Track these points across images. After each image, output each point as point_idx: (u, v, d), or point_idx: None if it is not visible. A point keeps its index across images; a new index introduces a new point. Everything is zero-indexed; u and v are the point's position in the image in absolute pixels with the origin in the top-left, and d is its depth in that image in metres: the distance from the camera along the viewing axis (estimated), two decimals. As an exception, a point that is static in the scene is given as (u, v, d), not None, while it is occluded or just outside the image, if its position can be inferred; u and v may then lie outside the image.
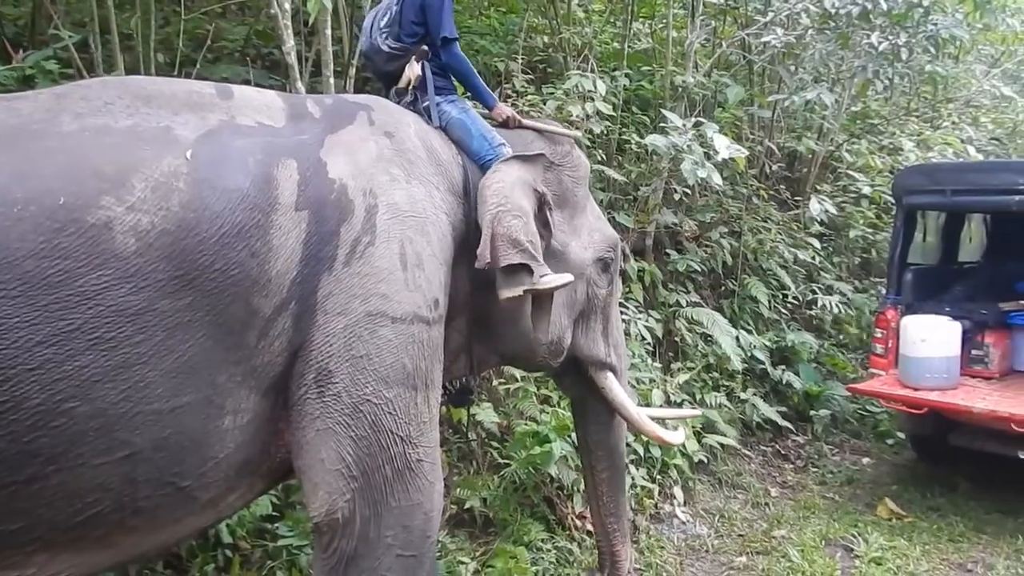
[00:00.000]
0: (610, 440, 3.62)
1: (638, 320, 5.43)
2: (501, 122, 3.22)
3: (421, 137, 2.88)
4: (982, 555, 4.63)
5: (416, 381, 2.55)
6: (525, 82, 5.76)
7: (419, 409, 2.57)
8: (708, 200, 6.60)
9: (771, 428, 6.18)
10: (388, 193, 2.59)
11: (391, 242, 2.53)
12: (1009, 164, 6.41)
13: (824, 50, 6.44)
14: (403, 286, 2.52)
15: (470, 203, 2.92)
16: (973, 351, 5.61)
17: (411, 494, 2.56)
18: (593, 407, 3.57)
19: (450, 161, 2.95)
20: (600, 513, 3.65)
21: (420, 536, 2.61)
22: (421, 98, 3.13)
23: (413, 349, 2.53)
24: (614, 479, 3.63)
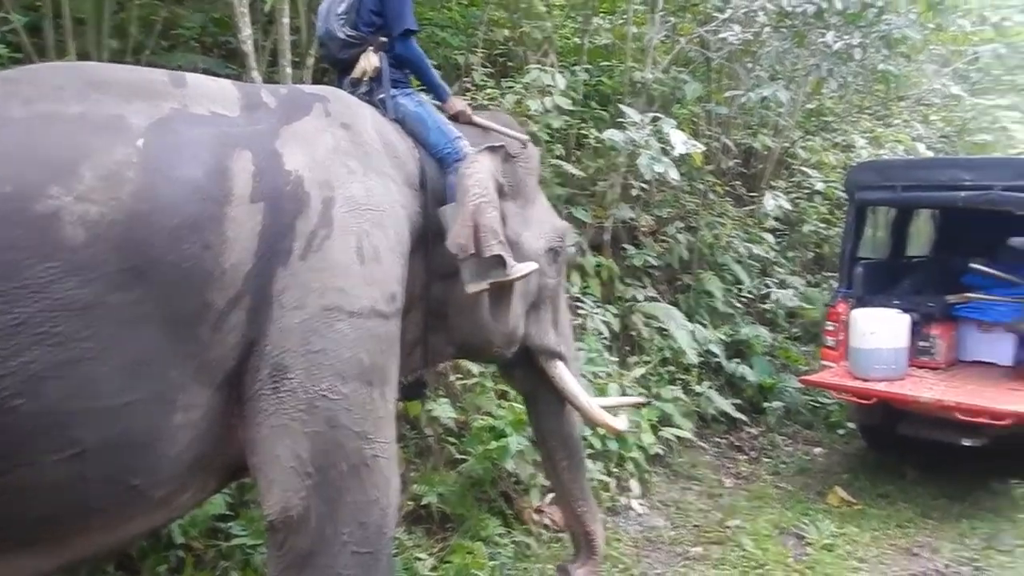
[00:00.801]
0: (563, 429, 3.64)
1: (595, 314, 5.48)
2: (452, 116, 3.22)
3: (378, 129, 2.86)
4: (928, 539, 4.76)
5: (373, 376, 2.53)
6: (485, 75, 5.76)
7: (376, 405, 2.55)
8: (665, 195, 6.68)
9: (726, 420, 6.28)
10: (345, 186, 2.56)
11: (348, 235, 2.50)
12: (956, 161, 6.55)
13: (780, 48, 6.55)
14: (360, 280, 2.49)
15: (427, 196, 2.92)
16: (920, 343, 5.74)
17: (367, 490, 2.53)
18: (544, 398, 3.58)
19: (406, 154, 2.94)
20: (567, 499, 3.67)
21: (376, 533, 2.58)
22: (377, 90, 3.12)
23: (370, 344, 2.51)
24: (574, 465, 3.66)
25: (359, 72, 3.13)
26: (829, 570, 4.34)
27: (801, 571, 4.34)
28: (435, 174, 2.99)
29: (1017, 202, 5.12)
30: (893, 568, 4.40)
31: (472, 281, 2.86)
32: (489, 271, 2.87)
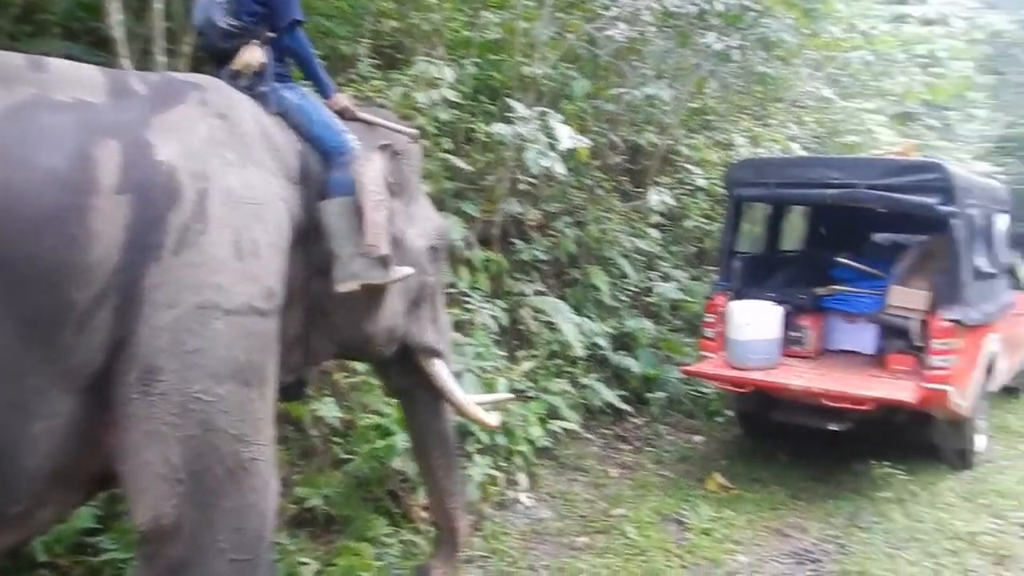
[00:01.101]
0: (440, 426, 3.66)
1: (484, 309, 5.49)
2: (336, 112, 3.16)
3: (257, 120, 2.77)
4: (798, 520, 5.01)
5: (250, 376, 2.46)
6: (371, 67, 5.68)
7: (254, 406, 2.48)
8: (553, 190, 6.75)
9: (611, 411, 6.41)
10: (222, 177, 2.47)
11: (224, 229, 2.41)
12: (826, 160, 6.89)
13: (664, 47, 6.73)
14: (237, 276, 2.41)
15: (309, 190, 2.86)
16: (792, 333, 6.02)
17: (245, 495, 2.46)
18: (422, 396, 3.59)
19: (287, 147, 2.86)
20: (440, 496, 3.69)
21: (255, 538, 2.52)
22: (258, 83, 3.01)
23: (247, 342, 2.44)
24: (448, 463, 3.69)
25: (240, 64, 3.01)
26: (707, 553, 4.51)
27: (681, 556, 4.48)
28: (318, 168, 2.92)
29: (879, 200, 5.43)
30: (766, 549, 4.61)
31: (343, 280, 2.83)
32: (365, 271, 2.84)
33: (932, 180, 5.34)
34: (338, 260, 2.85)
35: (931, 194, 5.30)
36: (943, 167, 5.51)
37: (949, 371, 5.23)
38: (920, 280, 5.78)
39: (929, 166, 5.62)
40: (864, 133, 10.32)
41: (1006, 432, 6.72)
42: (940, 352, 5.24)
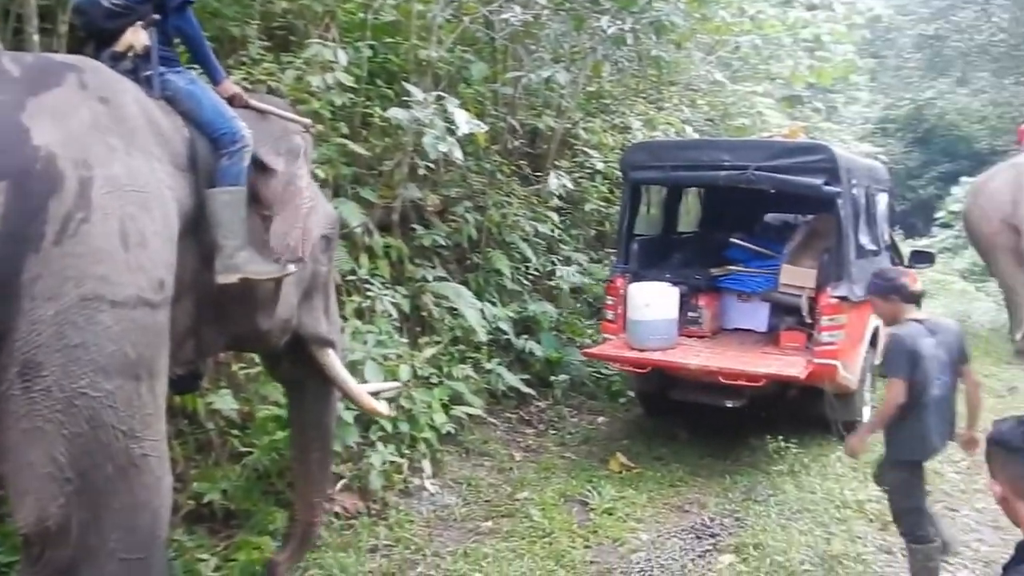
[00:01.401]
0: (325, 419, 3.64)
1: (384, 296, 5.42)
2: (226, 99, 3.05)
3: (141, 105, 2.66)
4: (697, 496, 5.15)
5: (140, 370, 2.39)
6: (262, 49, 5.48)
7: (143, 400, 2.41)
8: (453, 175, 6.70)
9: (515, 395, 6.44)
10: (105, 165, 2.37)
11: (110, 219, 2.32)
12: (718, 143, 7.07)
13: (559, 31, 6.73)
14: (124, 267, 2.33)
15: (198, 177, 2.77)
16: (689, 313, 6.18)
17: (136, 492, 2.40)
18: (313, 387, 3.54)
19: (174, 133, 2.76)
20: (308, 489, 3.63)
21: (148, 536, 2.46)
22: (143, 67, 2.87)
23: (136, 335, 2.36)
24: (324, 457, 3.67)
25: (123, 46, 2.86)
26: (610, 532, 4.59)
27: (585, 536, 4.55)
28: (207, 155, 2.83)
29: (769, 181, 5.59)
30: (666, 525, 4.73)
31: (224, 272, 2.77)
32: (247, 265, 2.79)
33: (818, 161, 5.53)
34: (221, 251, 2.78)
35: (817, 175, 5.49)
36: (828, 148, 5.73)
37: (837, 346, 5.45)
38: (808, 259, 6.00)
39: (815, 148, 5.82)
40: (754, 116, 10.63)
41: (890, 402, 7.02)
42: (828, 328, 5.45)
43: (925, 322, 3.82)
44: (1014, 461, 1.81)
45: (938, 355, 3.72)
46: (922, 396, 3.65)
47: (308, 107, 5.10)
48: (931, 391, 3.69)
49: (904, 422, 3.66)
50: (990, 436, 1.89)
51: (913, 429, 3.69)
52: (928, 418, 3.70)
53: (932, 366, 3.68)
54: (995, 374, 8.26)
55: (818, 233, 6.21)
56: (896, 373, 3.65)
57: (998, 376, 8.19)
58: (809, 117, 14.43)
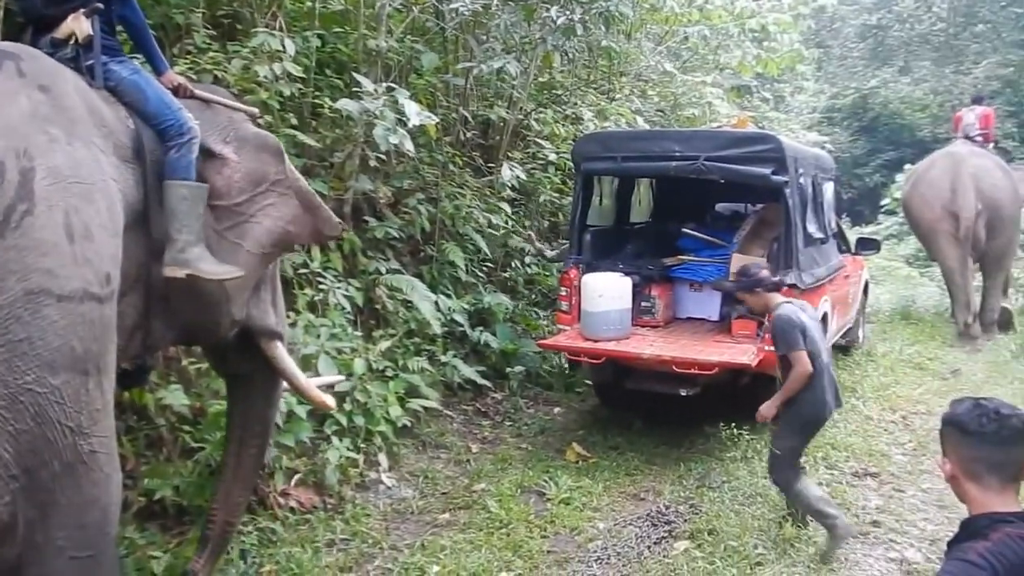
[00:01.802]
0: (269, 414, 3.61)
1: (337, 289, 5.37)
2: (171, 89, 2.99)
3: (82, 94, 2.60)
4: (652, 484, 5.20)
5: (87, 365, 2.35)
6: (208, 38, 5.38)
7: (91, 396, 2.38)
8: (405, 167, 6.65)
9: (471, 387, 6.43)
10: (47, 155, 2.31)
11: (54, 211, 2.27)
12: (668, 133, 7.12)
13: (509, 21, 6.71)
14: (70, 260, 2.29)
15: (144, 168, 2.72)
16: (642, 303, 6.23)
17: (85, 489, 2.38)
18: (260, 381, 3.50)
19: (117, 124, 2.71)
20: (237, 487, 3.57)
21: (97, 534, 2.44)
22: (84, 56, 2.80)
23: (83, 330, 2.32)
24: (260, 455, 3.64)
25: (64, 33, 2.78)
26: (567, 522, 4.62)
27: (542, 526, 4.57)
28: (154, 146, 2.78)
29: (719, 171, 5.65)
30: (622, 514, 4.76)
31: (172, 265, 2.74)
32: (197, 262, 2.76)
33: (766, 151, 5.60)
34: (172, 244, 2.75)
35: (765, 164, 5.57)
36: (776, 138, 5.80)
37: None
38: (758, 248, 6.08)
39: (763, 138, 5.90)
40: (704, 106, 10.73)
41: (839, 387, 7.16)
42: (778, 315, 5.52)
43: (793, 302, 4.37)
44: (968, 443, 1.85)
45: (818, 326, 4.32)
46: (815, 363, 4.12)
47: (256, 97, 5.03)
48: (822, 358, 4.21)
49: (804, 390, 4.12)
50: (946, 416, 1.92)
51: (814, 393, 4.16)
52: (823, 381, 4.19)
53: (817, 335, 4.25)
54: (939, 357, 8.49)
55: (767, 222, 6.29)
56: (795, 346, 4.10)
57: (942, 359, 8.42)
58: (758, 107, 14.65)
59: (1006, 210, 9.07)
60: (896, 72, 24.77)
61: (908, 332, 9.61)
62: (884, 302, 11.66)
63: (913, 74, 24.44)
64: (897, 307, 11.24)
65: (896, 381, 7.52)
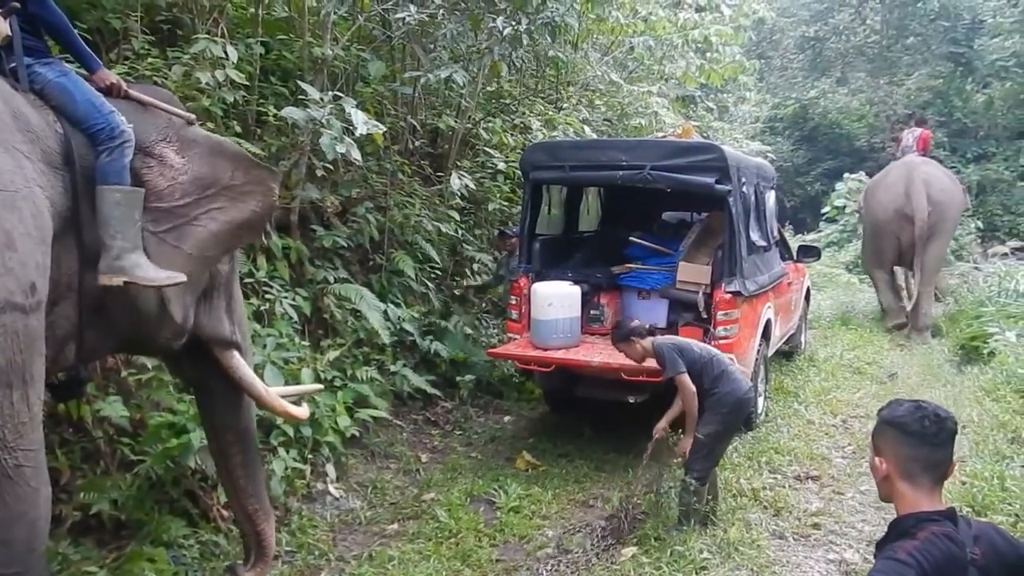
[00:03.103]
0: (240, 423, 3.51)
1: (284, 298, 5.31)
2: (103, 89, 2.91)
3: (5, 100, 2.52)
4: (601, 491, 5.24)
5: (11, 377, 2.30)
6: (147, 44, 5.28)
7: (15, 409, 2.32)
8: (352, 175, 6.61)
9: (421, 397, 6.41)
10: None
11: None
12: (615, 142, 7.19)
13: (455, 30, 6.71)
14: None
15: (73, 173, 2.65)
16: (592, 311, 6.28)
17: (10, 504, 2.32)
18: (219, 390, 3.42)
19: (44, 128, 2.63)
20: (239, 498, 3.53)
21: (24, 550, 2.38)
22: (7, 59, 2.72)
23: (5, 341, 2.27)
24: (248, 461, 3.54)
25: None
26: (516, 530, 4.63)
27: (491, 534, 4.58)
28: (85, 151, 2.70)
29: (665, 180, 5.72)
30: (571, 521, 4.79)
31: (108, 273, 2.67)
32: (134, 269, 2.69)
33: (710, 160, 5.70)
34: (107, 251, 2.67)
35: (709, 173, 5.66)
36: (719, 148, 5.90)
37: (731, 339, 5.64)
38: (703, 256, 6.18)
39: (707, 147, 5.99)
40: (650, 115, 10.86)
41: (782, 393, 7.35)
42: (723, 323, 5.63)
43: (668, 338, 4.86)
44: (907, 443, 1.89)
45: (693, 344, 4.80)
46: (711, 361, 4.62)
47: (198, 104, 4.96)
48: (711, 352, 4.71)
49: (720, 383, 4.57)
50: (886, 416, 1.96)
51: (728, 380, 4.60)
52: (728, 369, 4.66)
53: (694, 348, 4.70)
54: (877, 361, 8.73)
55: (712, 230, 6.40)
56: (676, 368, 4.54)
57: (879, 363, 8.65)
58: (702, 116, 14.89)
59: (950, 214, 9.85)
60: (834, 83, 25.42)
61: (848, 337, 9.87)
62: (825, 308, 11.94)
63: (850, 85, 25.12)
64: (837, 313, 11.53)
65: (836, 386, 7.71)
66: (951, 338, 9.43)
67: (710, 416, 4.56)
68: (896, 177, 9.97)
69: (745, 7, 11.91)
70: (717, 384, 4.57)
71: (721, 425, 4.57)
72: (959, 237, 14.50)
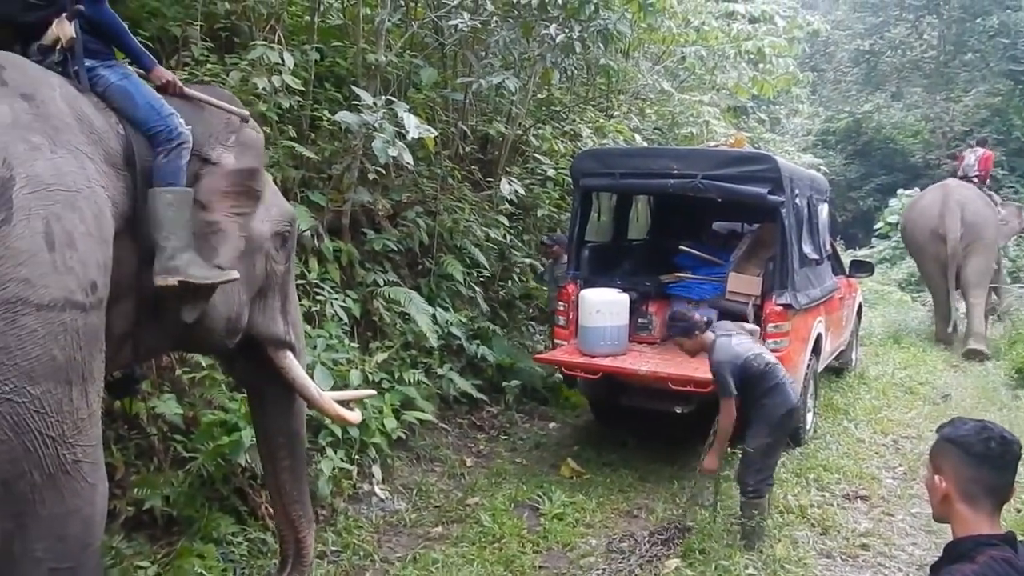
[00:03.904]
0: (291, 426, 3.51)
1: (335, 300, 5.37)
2: (160, 86, 2.95)
3: (68, 102, 2.56)
4: (645, 501, 5.19)
5: (71, 375, 2.32)
6: (206, 50, 5.39)
7: (75, 405, 2.34)
8: (403, 180, 6.67)
9: (467, 401, 6.42)
10: (27, 164, 2.29)
11: (33, 219, 2.25)
12: (666, 151, 7.16)
13: (508, 37, 6.75)
14: (50, 269, 2.26)
15: (134, 174, 2.69)
16: (639, 319, 6.24)
17: (67, 500, 2.34)
18: (271, 392, 3.44)
19: (107, 129, 2.67)
20: (284, 502, 3.53)
21: (79, 546, 2.40)
22: (72, 61, 2.78)
23: (65, 339, 2.29)
24: (296, 466, 3.55)
25: (50, 39, 2.76)
26: (560, 537, 4.60)
27: (534, 541, 4.56)
28: (145, 153, 2.75)
29: (716, 189, 5.67)
30: (615, 531, 4.75)
31: (163, 274, 2.69)
32: (188, 268, 2.72)
33: (762, 171, 5.63)
34: (162, 252, 2.70)
35: (762, 184, 5.59)
36: (772, 159, 5.83)
37: (781, 353, 5.53)
38: (754, 267, 6.11)
39: (760, 158, 5.93)
40: (701, 125, 10.79)
41: (832, 409, 7.20)
42: (773, 335, 5.54)
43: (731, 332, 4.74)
44: (970, 464, 1.82)
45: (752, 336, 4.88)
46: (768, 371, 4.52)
47: (255, 109, 5.02)
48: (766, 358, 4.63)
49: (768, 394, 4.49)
50: (949, 435, 1.88)
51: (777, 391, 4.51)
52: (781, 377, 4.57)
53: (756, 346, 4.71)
54: (930, 381, 8.52)
55: (763, 242, 6.32)
56: (726, 393, 4.49)
57: (932, 384, 8.44)
58: (753, 128, 14.74)
59: (986, 233, 10.14)
60: (889, 97, 24.98)
61: (900, 356, 9.66)
62: (877, 325, 11.70)
63: (905, 100, 24.67)
64: (889, 331, 11.28)
65: (888, 404, 7.54)
66: (1008, 361, 9.16)
67: (757, 428, 4.49)
68: (931, 199, 10.49)
69: (799, 19, 11.77)
70: (768, 395, 4.49)
71: (771, 437, 4.49)
72: (1016, 259, 14.14)
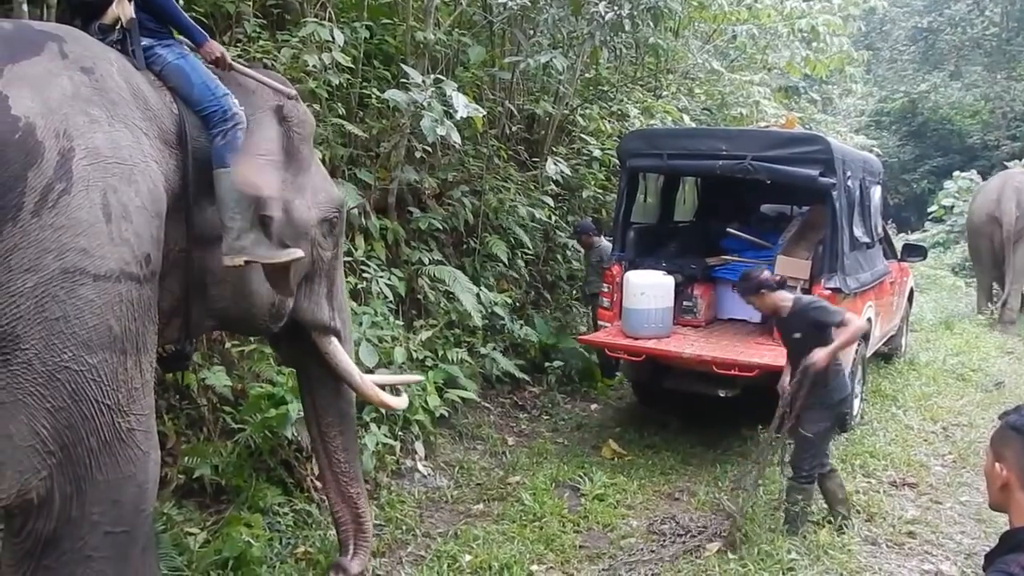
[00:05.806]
0: (339, 404, 3.54)
1: (380, 278, 5.41)
2: (212, 61, 2.97)
3: (126, 77, 2.61)
4: (687, 484, 5.18)
5: (126, 344, 2.38)
6: (258, 27, 5.44)
7: (129, 374, 2.40)
8: (450, 158, 6.68)
9: (509, 380, 6.45)
10: (87, 136, 2.33)
11: (91, 191, 2.29)
12: (715, 131, 7.07)
13: (556, 16, 6.69)
14: (107, 240, 2.31)
15: (187, 154, 2.73)
16: (684, 302, 6.19)
17: (121, 466, 2.41)
18: (317, 373, 3.47)
19: (162, 107, 2.71)
20: (338, 480, 3.56)
21: (132, 510, 2.47)
22: (131, 39, 2.82)
23: (120, 309, 2.34)
24: (348, 444, 3.57)
25: (111, 19, 2.81)
26: (600, 518, 4.62)
27: (575, 521, 4.58)
28: (198, 132, 2.79)
29: (766, 171, 5.58)
30: (656, 513, 4.75)
31: (230, 254, 2.73)
32: (253, 248, 2.75)
33: (814, 152, 5.53)
34: (228, 233, 2.74)
35: (813, 166, 5.49)
36: (824, 140, 5.72)
37: (829, 338, 5.46)
38: (803, 250, 6.01)
39: (811, 139, 5.83)
40: (751, 105, 10.60)
41: (879, 396, 7.09)
42: (821, 319, 5.44)
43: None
44: None
45: None
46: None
47: (304, 86, 5.07)
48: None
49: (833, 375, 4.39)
50: (1013, 422, 1.84)
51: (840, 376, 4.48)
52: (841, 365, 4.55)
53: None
54: (982, 368, 8.33)
55: (813, 224, 6.21)
56: (840, 313, 4.37)
57: (985, 371, 8.25)
58: (805, 108, 14.43)
59: None
60: (947, 77, 24.27)
61: (952, 342, 9.45)
62: (928, 311, 11.45)
63: (964, 79, 23.95)
64: (941, 316, 11.04)
65: (938, 391, 7.40)
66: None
67: (819, 413, 4.38)
68: (994, 184, 11.00)
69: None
70: (831, 378, 4.39)
71: (831, 421, 4.49)
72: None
